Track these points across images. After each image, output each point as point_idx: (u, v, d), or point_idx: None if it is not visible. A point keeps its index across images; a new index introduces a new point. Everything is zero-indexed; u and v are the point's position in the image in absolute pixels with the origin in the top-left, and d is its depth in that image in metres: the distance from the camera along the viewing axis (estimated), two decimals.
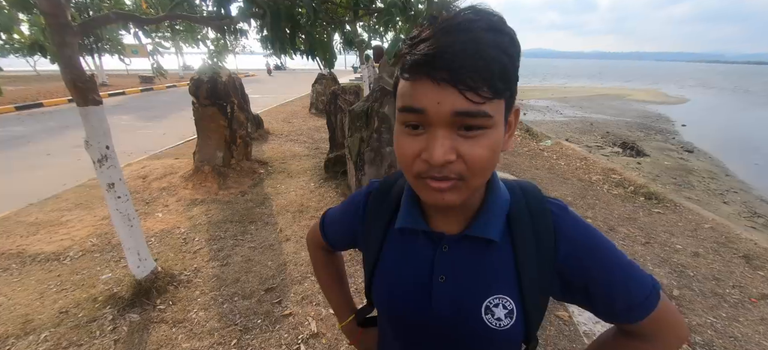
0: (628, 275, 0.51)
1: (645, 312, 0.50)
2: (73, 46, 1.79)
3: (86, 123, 1.93)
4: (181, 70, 21.67)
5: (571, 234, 0.52)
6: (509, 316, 0.51)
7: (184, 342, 1.98)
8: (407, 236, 0.57)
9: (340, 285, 0.84)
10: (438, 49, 0.40)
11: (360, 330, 0.82)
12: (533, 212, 0.53)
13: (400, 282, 0.57)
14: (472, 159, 0.42)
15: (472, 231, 0.52)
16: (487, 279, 0.52)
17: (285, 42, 2.03)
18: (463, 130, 0.42)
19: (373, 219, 0.62)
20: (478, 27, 0.40)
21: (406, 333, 0.59)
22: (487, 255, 0.52)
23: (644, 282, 0.51)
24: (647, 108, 14.83)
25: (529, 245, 0.52)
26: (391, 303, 0.59)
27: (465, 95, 0.39)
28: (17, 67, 16.14)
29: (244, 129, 4.66)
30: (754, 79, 44.22)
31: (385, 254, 0.59)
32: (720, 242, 3.30)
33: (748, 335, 2.17)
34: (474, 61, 0.39)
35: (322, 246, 0.78)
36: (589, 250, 0.51)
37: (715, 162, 7.37)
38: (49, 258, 2.75)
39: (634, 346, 0.55)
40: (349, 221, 0.68)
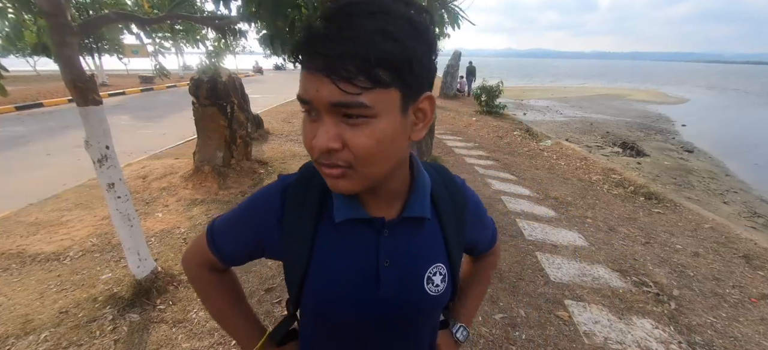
0: (488, 224, 0.72)
1: (493, 244, 0.77)
2: (73, 46, 1.79)
3: (86, 123, 1.93)
4: (181, 70, 21.67)
5: (472, 205, 0.65)
6: (443, 280, 0.58)
7: (184, 342, 1.98)
8: (343, 228, 0.54)
9: (241, 306, 0.72)
10: (312, 37, 0.39)
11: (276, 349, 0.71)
12: (449, 188, 0.62)
13: (343, 276, 0.54)
14: (355, 147, 0.42)
15: (408, 212, 0.55)
16: (424, 253, 0.57)
17: (284, 41, 2.03)
18: (347, 118, 0.41)
19: (296, 217, 0.55)
20: (362, 10, 0.38)
21: (347, 329, 0.58)
22: (422, 232, 0.57)
23: (491, 221, 0.74)
24: (647, 108, 14.83)
25: (450, 216, 0.59)
26: (332, 302, 0.55)
27: (338, 86, 0.38)
28: (17, 67, 16.14)
29: (244, 129, 4.66)
30: (753, 79, 44.21)
31: (319, 251, 0.55)
32: (720, 242, 3.30)
33: (748, 335, 2.17)
34: (347, 49, 0.37)
35: (210, 265, 0.65)
36: (479, 215, 0.67)
37: (715, 162, 7.37)
38: (49, 258, 2.75)
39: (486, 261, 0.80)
40: (256, 226, 0.59)
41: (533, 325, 2.16)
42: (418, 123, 0.48)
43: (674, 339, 2.10)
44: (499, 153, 6.29)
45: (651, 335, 2.12)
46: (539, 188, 4.57)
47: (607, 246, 3.13)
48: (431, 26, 0.44)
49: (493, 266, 0.82)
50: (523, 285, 2.51)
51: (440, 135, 7.25)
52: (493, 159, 5.83)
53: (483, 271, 0.81)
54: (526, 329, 2.12)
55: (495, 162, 5.67)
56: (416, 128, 0.48)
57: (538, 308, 2.30)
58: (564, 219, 3.65)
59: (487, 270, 0.81)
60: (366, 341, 0.59)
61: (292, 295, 0.60)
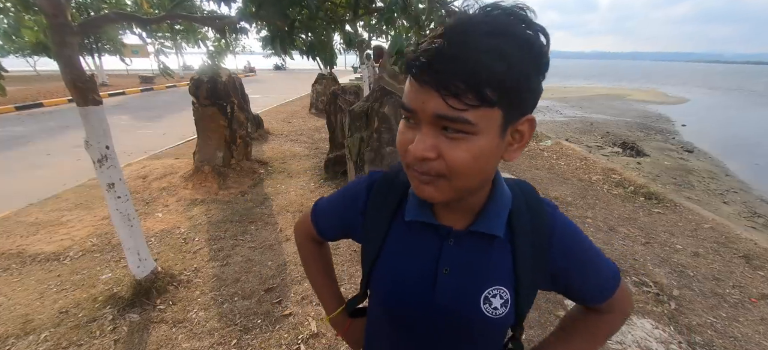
0: (599, 266, 0.59)
1: (610, 293, 0.59)
2: (73, 46, 1.79)
3: (86, 123, 1.93)
4: (181, 70, 21.66)
5: (560, 234, 0.56)
6: (504, 306, 0.55)
7: (184, 342, 1.98)
8: (414, 228, 0.58)
9: (329, 277, 0.84)
10: (429, 54, 0.41)
11: (349, 321, 0.82)
12: (532, 210, 0.57)
13: (404, 272, 0.58)
14: (451, 161, 0.44)
15: (477, 227, 0.54)
16: (487, 272, 0.55)
17: (284, 41, 2.03)
18: (447, 131, 0.43)
19: (376, 210, 0.62)
20: (478, 30, 0.40)
21: (404, 322, 0.61)
22: (489, 249, 0.55)
23: (610, 269, 0.60)
24: (647, 108, 14.83)
25: (526, 241, 0.55)
26: (393, 293, 0.60)
27: (446, 101, 0.40)
28: (17, 67, 16.14)
29: (244, 129, 4.66)
30: (754, 79, 44.23)
31: (389, 245, 0.60)
32: (720, 242, 3.30)
33: (748, 335, 2.17)
34: (460, 67, 0.39)
35: (312, 237, 0.78)
36: (574, 247, 0.57)
37: (715, 162, 7.37)
38: (49, 258, 2.75)
39: (598, 318, 0.64)
40: (346, 212, 0.68)
41: (533, 325, 2.16)
42: (514, 144, 0.48)
43: (674, 339, 2.10)
44: None
45: (651, 335, 2.12)
46: (539, 188, 4.57)
47: (607, 246, 3.12)
48: (546, 48, 0.43)
49: (609, 328, 0.65)
50: None
51: None
52: None
53: (592, 328, 0.65)
54: (526, 329, 2.11)
55: None
56: (511, 148, 0.48)
57: (538, 308, 2.30)
58: None
59: (598, 329, 0.65)
60: (420, 341, 0.61)
61: (363, 277, 0.66)
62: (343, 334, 0.84)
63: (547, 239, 0.56)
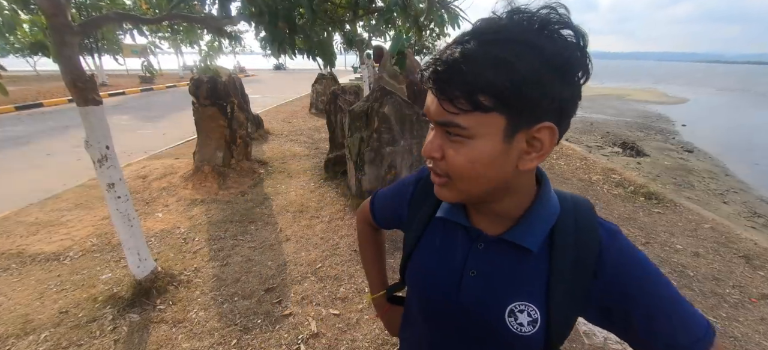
0: (676, 313, 0.47)
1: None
2: (73, 46, 1.79)
3: (86, 123, 1.93)
4: (181, 70, 21.66)
5: (616, 261, 0.49)
6: (532, 324, 0.51)
7: (184, 342, 1.98)
8: (449, 227, 0.60)
9: (379, 261, 0.91)
10: (436, 59, 0.43)
11: (388, 306, 0.89)
12: (580, 231, 0.51)
13: (435, 267, 0.60)
14: (450, 162, 0.46)
15: (508, 236, 0.52)
16: (516, 284, 0.52)
17: (284, 42, 2.03)
18: (451, 134, 0.45)
19: (419, 205, 0.66)
20: (485, 38, 0.41)
21: (433, 316, 0.62)
22: (522, 262, 0.52)
23: (696, 324, 0.46)
24: (647, 108, 14.83)
25: (566, 261, 0.50)
26: (423, 286, 0.62)
27: (441, 105, 0.43)
28: (17, 67, 16.14)
29: (244, 129, 4.66)
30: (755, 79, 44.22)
31: (425, 239, 0.63)
32: (720, 242, 3.30)
33: (748, 335, 2.17)
34: (455, 74, 0.41)
35: (369, 222, 0.84)
36: (635, 281, 0.48)
37: (715, 162, 7.37)
38: (49, 258, 2.75)
39: None
40: (397, 204, 0.72)
41: None
42: (531, 152, 0.45)
43: None
44: None
45: None
46: None
47: None
48: (570, 51, 0.41)
49: None
50: None
51: None
52: None
53: None
54: None
55: None
56: (528, 157, 0.46)
57: None
58: None
59: None
60: (449, 338, 0.61)
61: (401, 264, 0.70)
62: (382, 316, 0.91)
63: (594, 264, 0.49)
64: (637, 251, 0.51)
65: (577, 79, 0.43)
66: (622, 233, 0.53)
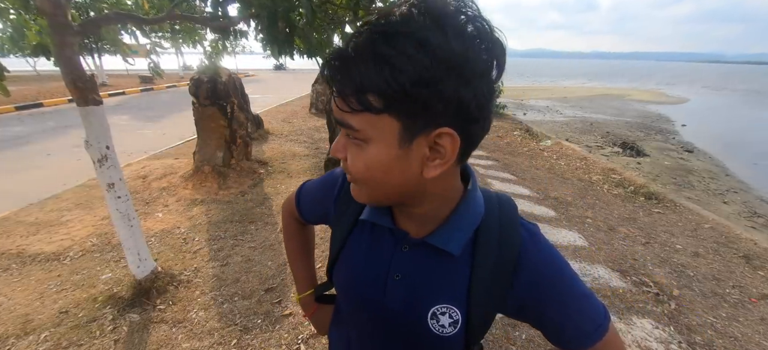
0: (581, 305, 0.51)
1: (592, 342, 0.50)
2: (73, 46, 1.79)
3: (86, 123, 1.93)
4: (181, 70, 21.66)
5: (533, 262, 0.51)
6: (453, 325, 0.51)
7: (184, 342, 1.98)
8: (375, 227, 0.58)
9: (306, 258, 0.86)
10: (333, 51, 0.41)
11: (316, 305, 0.84)
12: (503, 232, 0.52)
13: (360, 269, 0.58)
14: (349, 166, 0.45)
15: (431, 239, 0.51)
16: (438, 287, 0.52)
17: (283, 43, 2.03)
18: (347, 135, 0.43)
19: (346, 203, 0.62)
20: (381, 33, 0.37)
21: (359, 317, 0.62)
22: (444, 264, 0.52)
23: (596, 313, 0.51)
24: (647, 108, 14.83)
25: (488, 262, 0.51)
26: (349, 287, 0.61)
27: (335, 103, 0.41)
28: (17, 67, 16.14)
29: (244, 129, 4.66)
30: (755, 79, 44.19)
31: (352, 239, 0.61)
32: (720, 242, 3.30)
33: (748, 335, 2.17)
34: (346, 72, 0.39)
35: (295, 217, 0.79)
36: (549, 279, 0.51)
37: (715, 162, 7.37)
38: (49, 258, 2.75)
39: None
40: (323, 198, 0.69)
41: None
42: (435, 159, 0.43)
43: (674, 339, 2.10)
44: (499, 153, 6.29)
45: (651, 335, 2.12)
46: (539, 187, 4.57)
47: (607, 246, 3.12)
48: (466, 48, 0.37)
49: None
50: None
51: None
52: (493, 159, 5.83)
53: None
54: (526, 329, 2.12)
55: (495, 162, 5.67)
56: (431, 164, 0.43)
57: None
58: (564, 219, 3.65)
59: None
60: (375, 339, 0.61)
61: (328, 264, 0.66)
62: (310, 316, 0.85)
63: (514, 263, 0.50)
64: (553, 249, 0.53)
65: (480, 78, 0.39)
66: (541, 233, 0.54)
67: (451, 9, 0.38)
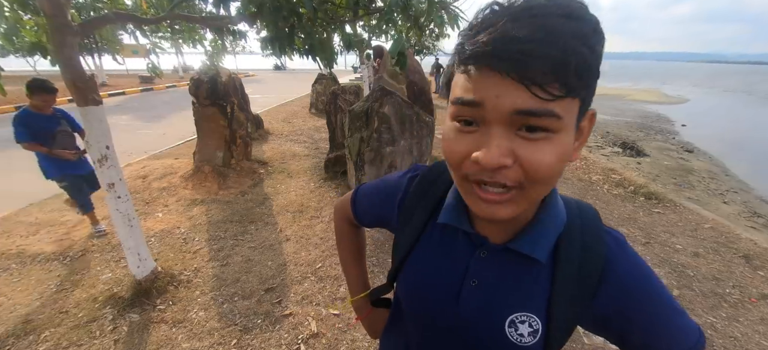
0: (673, 324, 0.46)
1: None
2: (73, 46, 1.79)
3: (86, 123, 1.93)
4: (181, 70, 21.65)
5: (620, 274, 0.47)
6: (532, 335, 0.48)
7: (184, 342, 1.98)
8: (448, 232, 0.55)
9: (359, 260, 0.85)
10: (502, 36, 0.34)
11: (370, 309, 0.82)
12: (586, 240, 0.49)
13: (431, 275, 0.55)
14: (532, 166, 0.37)
15: (516, 245, 0.48)
16: (518, 295, 0.49)
17: (284, 42, 2.03)
18: (524, 131, 0.36)
19: (413, 206, 0.60)
20: (554, 13, 0.34)
21: (425, 326, 0.58)
22: (526, 271, 0.49)
23: (689, 332, 0.47)
24: (647, 108, 14.84)
25: (571, 271, 0.47)
26: (417, 294, 0.57)
27: (531, 91, 0.34)
28: (17, 67, 16.13)
29: (244, 129, 4.66)
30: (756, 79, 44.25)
31: (421, 244, 0.57)
32: (720, 242, 3.30)
33: (748, 335, 2.17)
34: (545, 52, 0.33)
35: (349, 219, 0.77)
36: (637, 292, 0.47)
37: (715, 162, 7.37)
38: (49, 258, 2.75)
39: None
40: (385, 202, 0.66)
41: None
42: (577, 140, 0.41)
43: None
44: None
45: None
46: None
47: None
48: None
49: None
50: None
51: (440, 135, 7.25)
52: None
53: None
54: None
55: None
56: (576, 149, 0.41)
57: None
58: None
59: None
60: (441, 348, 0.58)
61: (392, 270, 0.63)
62: (363, 319, 0.85)
63: (599, 274, 0.47)
64: (642, 261, 0.49)
65: None
66: (628, 243, 0.50)
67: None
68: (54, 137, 2.74)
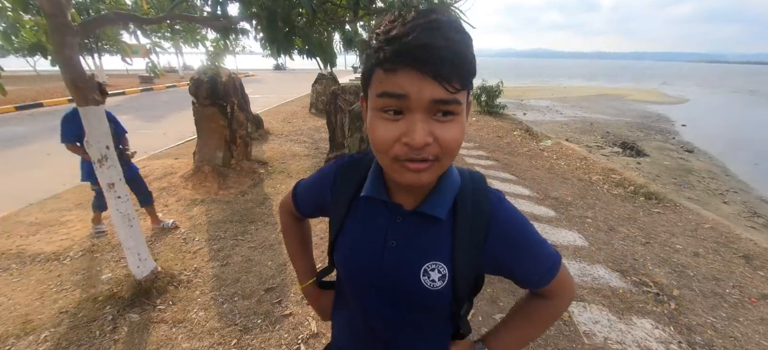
0: (538, 253, 0.64)
1: (548, 280, 0.64)
2: (73, 46, 1.79)
3: (86, 123, 1.93)
4: (181, 70, 21.65)
5: (501, 224, 0.62)
6: (442, 280, 0.61)
7: (184, 342, 1.98)
8: (369, 205, 0.66)
9: (306, 251, 0.93)
10: (422, 45, 0.45)
11: (319, 292, 0.91)
12: (476, 199, 0.62)
13: (360, 241, 0.66)
14: (446, 142, 0.49)
15: (423, 208, 0.61)
16: (428, 248, 0.62)
17: (282, 43, 2.03)
18: (439, 115, 0.48)
19: (342, 188, 0.70)
20: (450, 27, 0.47)
21: (360, 287, 0.69)
22: (432, 229, 0.62)
23: (550, 257, 0.64)
24: (647, 108, 14.83)
25: (466, 225, 0.61)
26: (350, 259, 0.68)
27: (443, 85, 0.46)
28: (17, 67, 16.14)
29: (244, 129, 4.66)
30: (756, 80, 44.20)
31: (350, 218, 0.68)
32: (720, 242, 3.30)
33: (748, 335, 2.17)
34: (451, 58, 0.46)
35: (293, 213, 0.86)
36: (514, 236, 0.62)
37: (715, 162, 7.37)
38: (49, 258, 2.75)
39: (540, 303, 0.69)
40: (320, 191, 0.76)
41: None
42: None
43: (674, 339, 2.10)
44: (499, 153, 6.29)
45: (651, 335, 2.12)
46: (539, 188, 4.57)
47: (607, 246, 3.13)
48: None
49: (550, 313, 0.70)
50: None
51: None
52: (494, 159, 5.83)
53: (533, 312, 0.71)
54: None
55: (495, 162, 5.67)
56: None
57: None
58: (564, 219, 3.65)
59: (539, 313, 0.70)
60: (372, 307, 0.69)
61: (329, 248, 0.74)
62: (314, 302, 0.93)
63: (487, 225, 0.61)
64: (516, 211, 0.64)
65: None
66: (506, 199, 0.65)
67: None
68: None
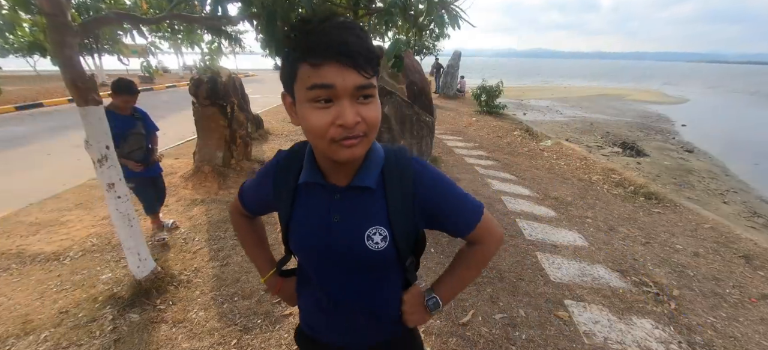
0: (462, 203, 0.74)
1: (473, 226, 0.75)
2: (73, 46, 1.79)
3: (86, 123, 1.93)
4: (181, 70, 21.63)
5: (424, 183, 0.72)
6: (384, 241, 0.70)
7: (184, 342, 1.98)
8: (310, 190, 0.74)
9: (261, 246, 0.98)
10: (342, 42, 0.55)
11: (281, 280, 0.97)
12: (401, 167, 0.72)
13: (308, 223, 0.74)
14: (370, 119, 0.60)
15: (355, 182, 0.70)
16: (367, 216, 0.71)
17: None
18: (362, 99, 0.58)
19: (282, 182, 0.77)
20: (356, 27, 0.58)
21: (316, 262, 0.77)
22: (367, 199, 0.71)
23: (473, 205, 0.76)
24: (647, 108, 14.83)
25: (396, 190, 0.71)
26: (302, 240, 0.75)
27: (361, 74, 0.56)
28: (17, 67, 16.13)
29: (244, 129, 4.66)
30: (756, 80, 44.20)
31: (296, 206, 0.76)
32: (720, 242, 3.30)
33: (748, 335, 2.17)
34: (364, 52, 0.56)
35: (242, 213, 0.93)
36: (437, 192, 0.73)
37: (715, 162, 7.37)
38: (49, 258, 2.75)
39: (473, 249, 0.80)
40: (262, 188, 0.82)
41: (533, 325, 2.16)
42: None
43: (674, 339, 2.10)
44: (499, 153, 6.29)
45: (651, 335, 2.12)
46: (539, 188, 4.57)
47: (607, 246, 3.13)
48: None
49: (480, 257, 0.81)
50: (523, 285, 2.52)
51: (440, 135, 7.25)
52: (493, 159, 5.83)
53: (469, 257, 0.82)
54: (526, 329, 2.12)
55: (495, 162, 5.67)
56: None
57: (538, 308, 2.30)
58: (564, 219, 3.65)
59: (474, 257, 0.81)
60: (330, 279, 0.77)
61: (283, 238, 0.81)
62: (278, 292, 0.98)
63: (413, 187, 0.71)
64: (437, 171, 0.75)
65: None
66: (429, 164, 0.76)
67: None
68: (125, 139, 2.71)
